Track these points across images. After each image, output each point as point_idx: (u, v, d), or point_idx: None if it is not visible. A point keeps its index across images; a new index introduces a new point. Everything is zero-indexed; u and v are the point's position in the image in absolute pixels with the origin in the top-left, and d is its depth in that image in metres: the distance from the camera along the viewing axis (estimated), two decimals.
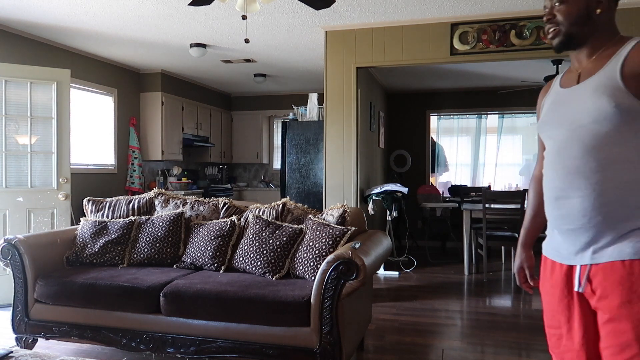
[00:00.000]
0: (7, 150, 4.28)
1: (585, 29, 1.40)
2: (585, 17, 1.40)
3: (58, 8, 4.17)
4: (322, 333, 2.42)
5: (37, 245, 3.03)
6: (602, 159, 1.31)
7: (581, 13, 1.40)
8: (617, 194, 1.30)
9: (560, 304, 1.42)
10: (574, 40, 1.42)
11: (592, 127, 1.33)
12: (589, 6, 1.39)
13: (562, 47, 1.45)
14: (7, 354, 1.66)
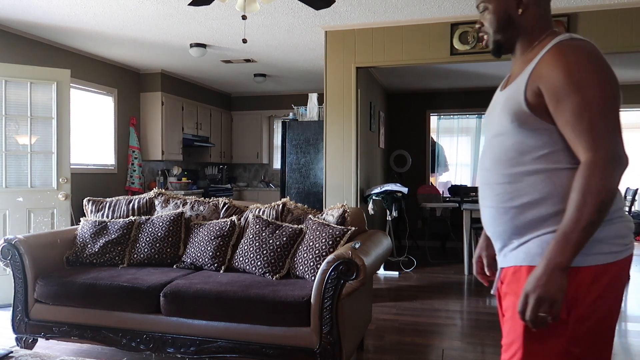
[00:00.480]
0: (7, 150, 4.28)
1: (510, 33, 1.37)
2: (507, 22, 1.36)
3: (58, 8, 4.17)
4: (322, 333, 2.42)
5: (37, 245, 3.03)
6: (505, 172, 1.32)
7: (502, 18, 1.36)
8: (508, 204, 1.31)
9: None
10: (503, 46, 1.40)
11: (498, 139, 1.34)
12: (507, 9, 1.35)
13: (496, 54, 1.43)
14: (7, 354, 1.66)
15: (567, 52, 1.23)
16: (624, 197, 5.75)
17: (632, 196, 5.59)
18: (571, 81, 1.20)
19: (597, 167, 1.17)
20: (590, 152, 1.18)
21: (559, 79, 1.21)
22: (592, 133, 1.19)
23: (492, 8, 1.37)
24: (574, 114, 1.20)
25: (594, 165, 1.17)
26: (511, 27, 1.36)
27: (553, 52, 1.24)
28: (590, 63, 1.21)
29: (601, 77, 1.20)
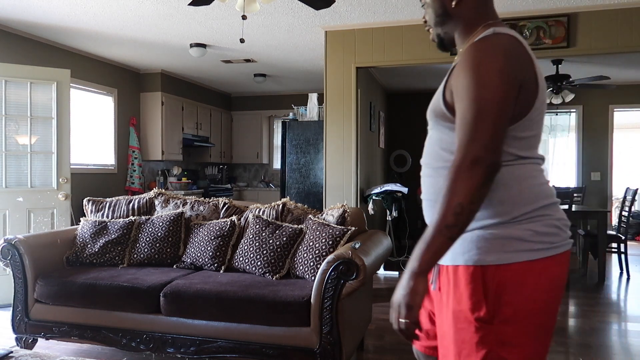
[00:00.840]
0: (7, 150, 4.28)
1: (448, 26, 1.34)
2: (443, 15, 1.33)
3: (58, 8, 4.17)
4: (322, 333, 2.42)
5: (37, 245, 3.03)
6: (432, 166, 1.32)
7: (439, 12, 1.33)
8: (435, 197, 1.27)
9: None
10: (444, 41, 1.38)
11: (429, 134, 1.35)
12: (443, 2, 1.32)
13: (440, 48, 1.41)
14: (7, 354, 1.66)
15: (474, 50, 1.21)
16: (624, 197, 5.75)
17: (632, 196, 5.58)
18: (467, 79, 1.18)
19: (456, 169, 1.15)
20: (457, 154, 1.16)
21: (461, 75, 1.20)
22: (466, 134, 1.16)
23: (430, 2, 1.34)
24: (460, 113, 1.19)
25: (454, 168, 1.15)
26: (448, 19, 1.33)
27: (466, 50, 1.23)
28: (490, 63, 1.17)
29: (494, 79, 1.16)
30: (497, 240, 1.21)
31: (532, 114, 1.22)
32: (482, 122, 1.14)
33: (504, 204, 1.21)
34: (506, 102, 1.16)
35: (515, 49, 1.21)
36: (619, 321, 3.88)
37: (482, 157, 1.13)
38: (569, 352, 3.19)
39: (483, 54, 1.19)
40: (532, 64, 1.23)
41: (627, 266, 5.42)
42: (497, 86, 1.15)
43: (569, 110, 7.56)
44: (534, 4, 4.11)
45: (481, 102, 1.15)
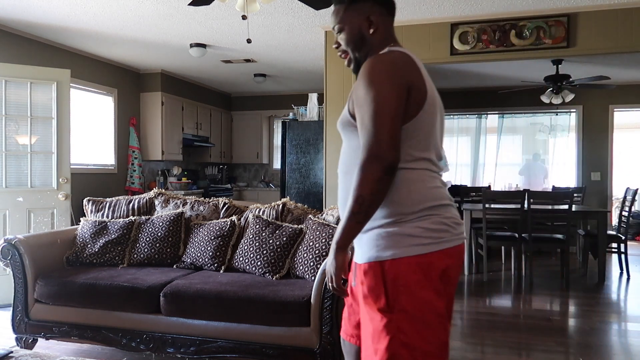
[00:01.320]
0: (7, 150, 4.28)
1: (364, 51, 1.51)
2: (361, 40, 1.50)
3: (58, 8, 4.17)
4: (322, 333, 2.42)
5: (37, 245, 3.03)
6: (342, 170, 1.50)
7: (356, 38, 1.50)
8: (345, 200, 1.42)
9: None
10: (360, 63, 1.51)
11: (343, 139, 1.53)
12: (361, 29, 1.49)
13: (355, 69, 1.54)
14: (7, 354, 1.66)
15: (367, 63, 1.40)
16: (624, 197, 5.75)
17: (632, 196, 5.58)
18: (363, 88, 1.36)
19: (361, 166, 1.32)
20: (363, 152, 1.33)
21: (358, 86, 1.39)
22: (366, 135, 1.33)
23: (348, 29, 1.50)
24: (360, 117, 1.37)
25: (361, 164, 1.32)
26: (365, 44, 1.51)
27: (363, 65, 1.42)
28: (379, 72, 1.36)
29: (385, 85, 1.33)
30: (391, 237, 1.38)
31: (421, 115, 1.38)
32: (378, 122, 1.31)
33: (397, 205, 1.38)
34: (398, 102, 1.33)
35: (402, 59, 1.40)
36: (619, 321, 3.88)
37: (379, 154, 1.30)
38: (569, 352, 3.20)
39: (373, 65, 1.38)
40: (420, 72, 1.41)
41: (627, 266, 5.42)
42: (387, 90, 1.33)
43: (569, 110, 7.56)
44: (534, 4, 4.11)
45: (376, 105, 1.32)
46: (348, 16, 1.50)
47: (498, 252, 6.40)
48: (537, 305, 4.31)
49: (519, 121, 8.20)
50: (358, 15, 1.49)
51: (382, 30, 1.50)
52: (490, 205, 5.25)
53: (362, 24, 1.49)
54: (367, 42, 1.50)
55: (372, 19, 1.49)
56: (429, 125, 1.41)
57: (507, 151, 8.27)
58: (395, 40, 1.52)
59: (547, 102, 6.24)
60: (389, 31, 1.53)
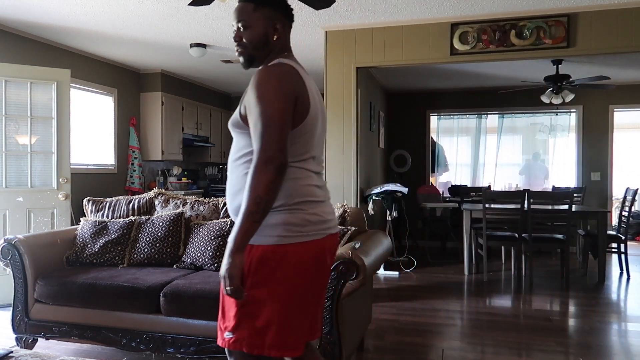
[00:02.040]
0: (7, 150, 4.28)
1: (264, 51, 1.64)
2: (264, 43, 1.63)
3: (58, 8, 4.17)
4: (322, 333, 2.41)
5: (37, 245, 3.02)
6: (232, 163, 1.64)
7: (261, 39, 1.62)
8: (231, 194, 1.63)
9: None
10: (256, 61, 1.66)
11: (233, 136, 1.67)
12: (267, 33, 1.62)
13: (247, 65, 1.69)
14: (7, 354, 1.66)
15: (257, 75, 1.54)
16: (624, 197, 5.75)
17: (632, 196, 5.57)
18: (255, 97, 1.50)
19: (255, 168, 1.46)
20: (255, 157, 1.47)
21: (250, 95, 1.52)
22: (259, 140, 1.47)
23: (254, 28, 1.62)
24: (252, 124, 1.51)
25: (254, 168, 1.46)
26: (265, 47, 1.64)
27: (255, 74, 1.55)
28: (270, 83, 1.51)
29: (275, 96, 1.49)
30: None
31: (304, 124, 1.55)
32: (270, 129, 1.46)
33: None
34: (285, 112, 1.49)
35: (291, 73, 1.56)
36: (619, 321, 3.88)
37: (273, 158, 1.45)
38: (569, 352, 3.20)
39: (266, 76, 1.53)
40: (305, 85, 1.58)
41: (627, 266, 5.42)
42: (277, 101, 1.48)
43: (569, 110, 7.56)
44: (534, 4, 4.11)
45: (267, 114, 1.47)
46: (256, 17, 1.61)
47: (498, 252, 6.40)
48: (537, 305, 4.31)
49: (519, 121, 8.20)
50: (265, 20, 1.62)
51: (283, 38, 1.66)
52: (490, 205, 5.25)
53: (268, 29, 1.62)
54: (268, 46, 1.63)
55: (278, 27, 1.63)
56: (310, 133, 1.59)
57: (507, 151, 8.28)
58: (290, 50, 1.69)
59: (547, 102, 6.24)
60: (287, 40, 1.69)
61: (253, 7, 1.61)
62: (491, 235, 5.30)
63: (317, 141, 1.65)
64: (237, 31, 1.64)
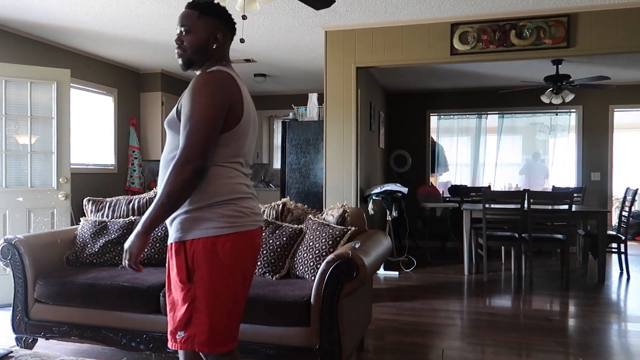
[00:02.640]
0: (7, 150, 4.28)
1: (202, 57, 1.75)
2: (203, 49, 1.73)
3: (58, 8, 4.17)
4: (322, 333, 2.41)
5: (37, 245, 3.02)
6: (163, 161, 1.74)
7: (201, 45, 1.72)
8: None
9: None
10: (194, 65, 1.77)
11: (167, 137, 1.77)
12: (207, 40, 1.73)
13: (185, 68, 1.79)
14: (7, 354, 1.66)
15: (196, 80, 1.64)
16: (624, 197, 5.75)
17: (632, 196, 5.57)
18: (190, 100, 1.61)
19: (174, 165, 1.58)
20: (179, 154, 1.59)
21: (186, 97, 1.63)
22: (185, 140, 1.59)
23: (196, 34, 1.72)
24: (182, 124, 1.62)
25: (173, 164, 1.58)
26: (204, 53, 1.74)
27: (194, 79, 1.66)
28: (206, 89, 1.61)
29: (208, 102, 1.59)
30: (193, 221, 1.64)
31: (237, 129, 1.67)
32: (197, 133, 1.57)
33: (203, 194, 1.63)
34: (216, 119, 1.60)
35: (227, 80, 1.66)
36: (619, 321, 3.88)
37: (192, 159, 1.56)
38: (569, 352, 3.20)
39: (201, 83, 1.63)
40: (240, 93, 1.68)
41: (627, 266, 5.42)
42: (211, 107, 1.59)
43: (569, 110, 7.56)
44: (534, 4, 4.11)
45: (197, 118, 1.58)
46: (199, 24, 1.72)
47: (498, 252, 6.40)
48: (537, 305, 4.31)
49: (519, 121, 8.20)
50: (208, 28, 1.73)
51: (222, 48, 1.77)
52: (490, 205, 5.25)
53: (209, 37, 1.73)
54: (207, 53, 1.74)
55: (218, 36, 1.74)
56: (242, 138, 1.71)
57: (507, 151, 8.28)
58: (229, 60, 1.81)
59: (547, 102, 6.24)
60: (227, 50, 1.80)
61: (198, 14, 1.72)
62: (491, 235, 5.30)
63: (248, 147, 1.77)
64: (180, 34, 1.75)
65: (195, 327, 1.66)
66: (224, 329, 1.68)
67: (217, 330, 1.66)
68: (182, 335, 1.68)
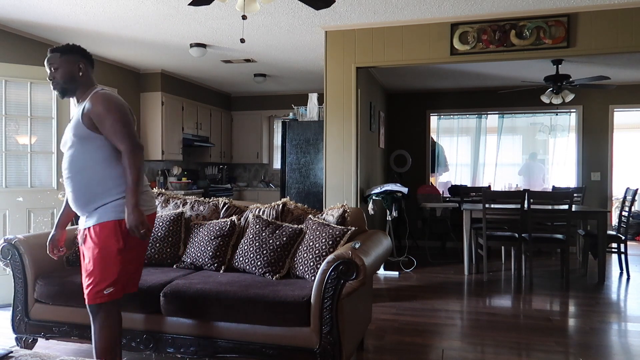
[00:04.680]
0: (7, 150, 4.28)
1: (73, 85, 2.35)
2: (71, 79, 2.34)
3: (58, 8, 4.17)
4: (322, 333, 2.41)
5: (37, 245, 3.02)
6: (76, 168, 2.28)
7: (69, 77, 2.33)
8: (84, 189, 2.28)
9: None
10: (68, 92, 2.37)
11: (69, 149, 2.30)
12: (72, 72, 2.33)
13: (62, 96, 2.39)
14: (7, 354, 1.66)
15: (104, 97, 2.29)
16: (624, 197, 5.76)
17: (632, 196, 5.57)
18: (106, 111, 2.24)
19: (132, 154, 2.22)
20: (128, 146, 2.22)
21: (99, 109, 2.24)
22: (125, 136, 2.23)
23: (62, 70, 2.33)
24: (111, 127, 2.24)
25: (130, 153, 2.22)
26: (74, 82, 2.35)
27: (94, 96, 2.29)
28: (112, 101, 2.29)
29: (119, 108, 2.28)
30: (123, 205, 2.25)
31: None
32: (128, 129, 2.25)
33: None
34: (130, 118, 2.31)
35: (114, 96, 2.34)
36: (619, 321, 3.88)
37: (138, 145, 2.26)
38: (569, 352, 3.20)
39: (108, 97, 2.29)
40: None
41: (627, 266, 5.43)
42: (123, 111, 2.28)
43: (569, 110, 7.56)
44: (534, 4, 4.11)
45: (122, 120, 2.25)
46: (63, 62, 2.33)
47: (498, 252, 6.40)
48: (537, 305, 4.31)
49: (519, 121, 8.20)
50: (70, 63, 2.33)
51: (87, 74, 2.37)
52: (490, 205, 5.25)
53: (73, 69, 2.33)
54: (77, 81, 2.34)
55: (81, 66, 2.34)
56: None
57: (507, 151, 8.28)
58: (95, 83, 2.40)
59: (547, 102, 6.24)
60: (91, 75, 2.40)
61: (59, 55, 2.33)
62: (491, 235, 5.30)
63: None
64: (51, 72, 2.35)
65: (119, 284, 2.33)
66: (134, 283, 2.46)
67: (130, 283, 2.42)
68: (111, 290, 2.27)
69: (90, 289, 2.26)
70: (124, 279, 2.30)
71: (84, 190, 2.27)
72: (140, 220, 2.19)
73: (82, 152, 2.26)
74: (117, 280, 2.26)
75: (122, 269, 2.26)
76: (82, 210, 2.31)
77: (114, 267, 2.25)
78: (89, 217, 2.29)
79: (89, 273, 2.27)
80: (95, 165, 2.26)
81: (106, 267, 2.24)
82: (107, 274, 2.24)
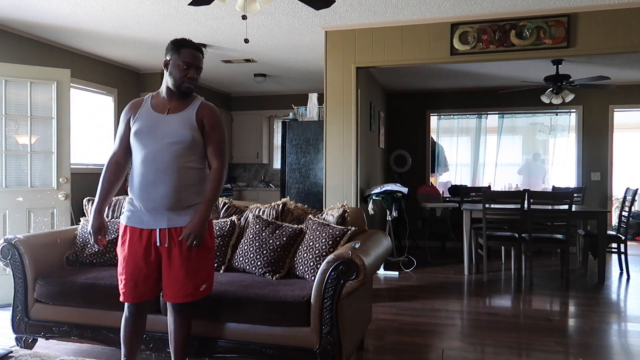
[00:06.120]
0: (7, 150, 4.28)
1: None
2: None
3: (58, 8, 4.17)
4: (322, 333, 2.41)
5: (37, 245, 3.02)
6: (176, 164, 2.26)
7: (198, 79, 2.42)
8: (182, 187, 2.27)
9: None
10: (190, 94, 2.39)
11: (174, 145, 2.27)
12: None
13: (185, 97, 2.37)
14: (7, 354, 1.66)
15: (211, 105, 2.41)
16: (624, 197, 5.75)
17: (632, 196, 5.57)
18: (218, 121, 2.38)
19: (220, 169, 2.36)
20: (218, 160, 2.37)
21: (214, 119, 2.36)
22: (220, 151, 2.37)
23: (199, 73, 2.36)
24: (217, 140, 2.36)
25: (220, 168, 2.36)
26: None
27: (206, 104, 2.39)
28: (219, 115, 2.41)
29: (223, 125, 2.41)
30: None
31: None
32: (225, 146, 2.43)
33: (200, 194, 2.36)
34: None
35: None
36: (619, 321, 3.88)
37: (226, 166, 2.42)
38: (569, 352, 3.20)
39: (216, 111, 2.42)
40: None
41: (627, 266, 5.43)
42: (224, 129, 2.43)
43: (569, 110, 7.56)
44: (534, 4, 4.11)
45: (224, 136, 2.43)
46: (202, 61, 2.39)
47: (498, 252, 6.40)
48: (537, 305, 4.31)
49: (519, 121, 8.20)
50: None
51: None
52: (490, 205, 5.25)
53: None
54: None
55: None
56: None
57: (507, 151, 8.28)
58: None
59: (547, 102, 6.24)
60: None
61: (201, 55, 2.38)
62: (491, 235, 5.30)
63: None
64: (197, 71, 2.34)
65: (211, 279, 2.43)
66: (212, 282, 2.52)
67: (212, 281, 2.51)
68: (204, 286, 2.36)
69: (190, 287, 2.31)
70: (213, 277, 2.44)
71: (182, 188, 2.27)
72: (203, 232, 2.27)
73: (188, 151, 2.29)
74: (210, 276, 2.41)
75: (212, 267, 2.43)
76: (168, 207, 2.27)
77: (209, 264, 2.39)
78: (179, 215, 2.29)
79: (188, 271, 2.30)
80: (197, 166, 2.33)
81: (205, 263, 2.36)
82: (206, 271, 2.36)
